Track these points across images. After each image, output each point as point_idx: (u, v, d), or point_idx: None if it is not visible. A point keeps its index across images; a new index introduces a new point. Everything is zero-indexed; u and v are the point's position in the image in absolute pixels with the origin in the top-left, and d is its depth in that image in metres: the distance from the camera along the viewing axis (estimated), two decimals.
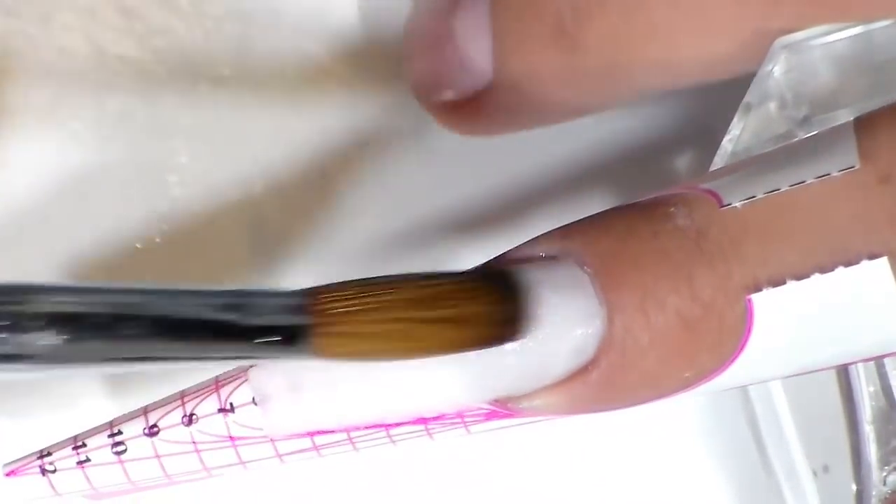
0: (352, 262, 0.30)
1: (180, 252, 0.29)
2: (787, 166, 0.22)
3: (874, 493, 0.29)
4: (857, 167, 0.21)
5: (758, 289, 0.21)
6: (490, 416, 0.23)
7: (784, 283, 0.21)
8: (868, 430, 0.29)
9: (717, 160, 0.26)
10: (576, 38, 0.26)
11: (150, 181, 0.29)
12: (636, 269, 0.22)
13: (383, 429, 0.23)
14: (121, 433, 0.23)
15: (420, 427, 0.23)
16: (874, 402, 0.29)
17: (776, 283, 0.21)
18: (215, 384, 0.23)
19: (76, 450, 0.23)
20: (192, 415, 0.22)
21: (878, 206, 0.21)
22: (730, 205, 0.22)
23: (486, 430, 0.23)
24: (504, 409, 0.22)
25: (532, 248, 0.23)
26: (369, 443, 0.23)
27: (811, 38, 0.25)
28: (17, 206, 0.29)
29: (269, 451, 0.23)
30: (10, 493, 0.23)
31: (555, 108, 0.28)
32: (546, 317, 0.21)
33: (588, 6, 0.26)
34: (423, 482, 0.31)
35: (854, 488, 0.30)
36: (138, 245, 0.29)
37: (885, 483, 0.29)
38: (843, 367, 0.29)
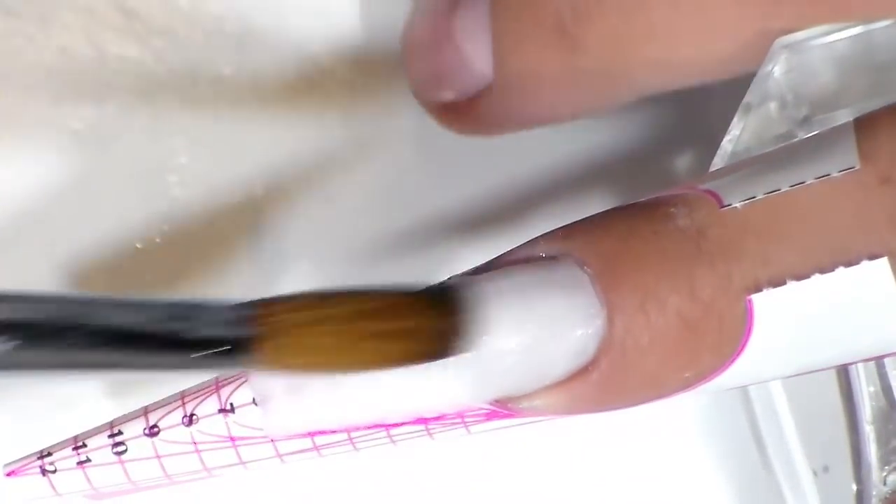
0: (352, 263, 0.30)
1: (180, 252, 0.29)
2: (787, 167, 0.22)
3: (874, 493, 0.29)
4: (857, 167, 0.21)
5: (758, 289, 0.21)
6: (490, 416, 0.23)
7: (784, 283, 0.21)
8: (868, 430, 0.29)
9: (717, 160, 0.26)
10: (575, 38, 0.26)
11: (150, 181, 0.29)
12: (637, 270, 0.22)
13: (383, 429, 0.23)
14: (121, 433, 0.23)
15: (420, 427, 0.23)
16: (874, 402, 0.29)
17: (776, 283, 0.21)
18: (216, 384, 0.23)
19: (76, 450, 0.23)
20: (192, 415, 0.22)
21: (878, 207, 0.21)
22: (730, 205, 0.22)
23: (486, 430, 0.23)
24: (504, 409, 0.22)
25: (532, 248, 0.23)
26: (369, 443, 0.23)
27: (811, 39, 0.25)
28: (17, 207, 0.29)
29: (269, 452, 0.23)
30: (10, 493, 0.23)
31: (555, 109, 0.28)
32: (546, 317, 0.21)
33: (587, 6, 0.26)
34: (423, 482, 0.31)
35: (854, 488, 0.30)
36: (138, 245, 0.29)
37: (885, 483, 0.29)
38: (843, 367, 0.29)
